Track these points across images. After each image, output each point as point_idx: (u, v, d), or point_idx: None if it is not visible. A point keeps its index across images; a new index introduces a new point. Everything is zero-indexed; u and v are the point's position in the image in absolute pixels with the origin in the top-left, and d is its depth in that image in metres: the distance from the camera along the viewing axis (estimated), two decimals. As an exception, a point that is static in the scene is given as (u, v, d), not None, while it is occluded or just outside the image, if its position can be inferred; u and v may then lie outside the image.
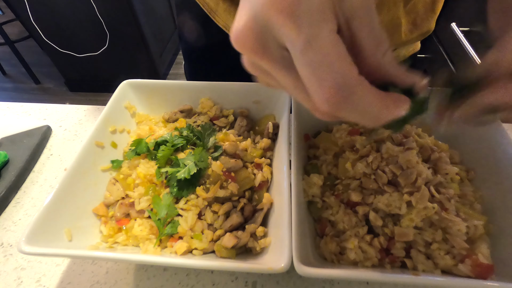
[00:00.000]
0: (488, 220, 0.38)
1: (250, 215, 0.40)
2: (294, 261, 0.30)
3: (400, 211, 0.36)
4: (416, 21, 0.54)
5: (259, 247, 0.37)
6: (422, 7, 0.53)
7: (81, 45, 2.11)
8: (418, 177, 0.37)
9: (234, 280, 0.41)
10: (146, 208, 0.40)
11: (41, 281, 0.41)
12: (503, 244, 0.35)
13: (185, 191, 0.39)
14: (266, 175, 0.43)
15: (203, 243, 0.37)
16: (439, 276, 0.33)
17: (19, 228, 0.47)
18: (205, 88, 0.52)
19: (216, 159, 0.42)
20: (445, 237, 0.35)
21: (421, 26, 0.55)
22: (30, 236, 0.32)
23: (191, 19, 0.63)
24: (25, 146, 0.56)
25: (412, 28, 0.55)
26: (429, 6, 0.54)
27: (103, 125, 0.46)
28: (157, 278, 0.41)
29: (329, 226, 0.39)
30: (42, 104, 0.68)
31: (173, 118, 0.52)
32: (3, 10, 2.86)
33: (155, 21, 2.29)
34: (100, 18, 1.92)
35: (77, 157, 0.41)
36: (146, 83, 0.53)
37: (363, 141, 0.41)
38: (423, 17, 0.54)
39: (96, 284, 0.41)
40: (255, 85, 0.51)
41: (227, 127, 0.51)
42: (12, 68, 2.71)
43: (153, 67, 2.32)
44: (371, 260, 0.35)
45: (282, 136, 0.45)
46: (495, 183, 0.40)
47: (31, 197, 0.51)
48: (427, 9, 0.54)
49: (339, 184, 0.41)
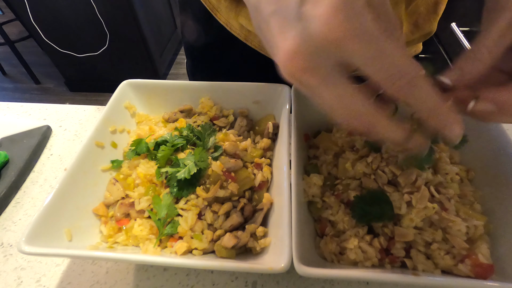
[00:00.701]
0: (488, 220, 0.38)
1: (250, 215, 0.40)
2: (294, 261, 0.30)
3: (400, 211, 0.36)
4: (418, 22, 0.54)
5: (259, 247, 0.37)
6: (425, 8, 0.53)
7: (81, 45, 2.11)
8: (418, 177, 0.37)
9: (234, 280, 0.41)
10: (146, 208, 0.40)
11: (41, 281, 0.41)
12: (503, 244, 0.35)
13: (185, 191, 0.39)
14: (266, 175, 0.43)
15: (203, 243, 0.37)
16: (439, 276, 0.33)
17: (19, 228, 0.47)
18: (205, 88, 0.52)
19: (216, 159, 0.42)
20: (445, 237, 0.35)
21: (423, 27, 0.55)
22: (30, 236, 0.32)
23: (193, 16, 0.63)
24: (25, 146, 0.56)
25: (414, 29, 0.54)
26: (432, 7, 0.53)
27: (103, 125, 0.46)
28: (157, 278, 0.41)
29: (329, 226, 0.39)
30: (42, 104, 0.68)
31: (173, 118, 0.52)
32: (3, 10, 2.86)
33: (155, 21, 2.29)
34: (100, 18, 1.92)
35: (77, 157, 0.41)
36: (146, 83, 0.53)
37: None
38: (425, 18, 0.54)
39: (96, 284, 0.41)
40: (255, 85, 0.51)
41: (227, 127, 0.51)
42: (12, 68, 2.71)
43: (153, 67, 2.32)
44: (371, 260, 0.35)
45: (282, 136, 0.45)
46: (495, 183, 0.40)
47: (31, 197, 0.51)
48: (429, 10, 0.53)
49: (339, 184, 0.41)
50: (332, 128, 0.48)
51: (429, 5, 0.53)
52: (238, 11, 0.54)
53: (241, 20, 0.54)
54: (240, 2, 0.53)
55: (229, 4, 0.54)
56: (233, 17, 0.55)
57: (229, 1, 0.54)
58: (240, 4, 0.54)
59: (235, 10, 0.54)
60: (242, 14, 0.54)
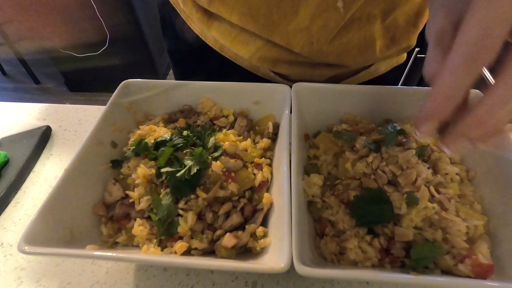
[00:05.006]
0: (488, 220, 0.38)
1: (250, 215, 0.40)
2: (294, 261, 0.30)
3: (400, 211, 0.36)
4: (395, 36, 0.52)
5: (259, 247, 0.37)
6: (404, 21, 0.51)
7: (81, 45, 2.11)
8: (418, 177, 0.37)
9: (234, 280, 0.41)
10: (146, 208, 0.40)
11: (41, 281, 0.41)
12: (503, 244, 0.35)
13: (185, 191, 0.39)
14: (266, 175, 0.43)
15: (203, 243, 0.37)
16: (439, 276, 0.33)
17: (19, 228, 0.47)
18: (205, 88, 0.52)
19: (216, 159, 0.42)
20: (445, 237, 0.35)
21: (400, 42, 0.53)
22: (30, 236, 0.32)
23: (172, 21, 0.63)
24: (25, 146, 0.56)
25: (390, 44, 0.53)
26: (412, 19, 0.51)
27: (103, 125, 0.46)
28: (157, 278, 0.41)
29: (329, 226, 0.39)
30: (42, 104, 0.68)
31: (173, 118, 0.52)
32: (3, 10, 2.86)
33: (155, 21, 2.28)
34: (100, 18, 1.92)
35: (76, 157, 0.41)
36: (146, 83, 0.53)
37: None
38: (403, 32, 0.52)
39: (96, 284, 0.41)
40: (255, 85, 0.51)
41: (227, 127, 0.51)
42: (12, 68, 2.71)
43: (153, 67, 2.32)
44: (371, 260, 0.35)
45: (282, 136, 0.45)
46: (495, 183, 0.40)
47: (31, 197, 0.51)
48: (409, 23, 0.51)
49: (339, 184, 0.41)
50: (332, 128, 0.48)
51: (410, 17, 0.51)
52: (209, 24, 0.54)
53: (213, 33, 0.54)
54: (211, 16, 0.53)
55: (201, 16, 0.54)
56: (205, 29, 0.55)
57: (200, 13, 0.53)
58: (212, 18, 0.53)
59: (207, 23, 0.54)
60: (213, 27, 0.53)
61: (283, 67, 0.55)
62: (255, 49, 0.52)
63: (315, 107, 0.49)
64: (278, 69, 0.56)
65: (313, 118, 0.50)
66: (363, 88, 0.49)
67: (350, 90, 0.49)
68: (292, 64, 0.55)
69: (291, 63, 0.55)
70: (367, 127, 0.47)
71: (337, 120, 0.51)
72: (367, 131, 0.46)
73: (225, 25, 0.52)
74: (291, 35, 0.48)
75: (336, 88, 0.50)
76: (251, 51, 0.53)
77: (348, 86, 0.49)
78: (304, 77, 0.51)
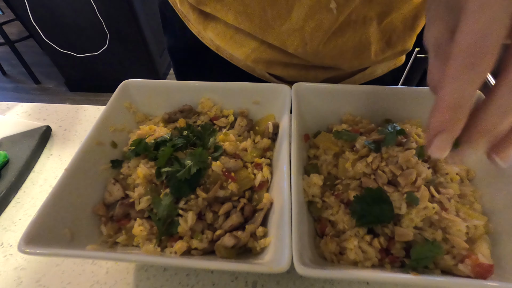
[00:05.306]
0: (488, 220, 0.38)
1: (250, 215, 0.40)
2: (294, 261, 0.30)
3: (400, 211, 0.36)
4: (391, 40, 0.51)
5: (259, 247, 0.37)
6: (401, 24, 0.50)
7: (81, 45, 2.11)
8: (418, 177, 0.37)
9: (234, 280, 0.41)
10: (146, 208, 0.40)
11: (41, 281, 0.41)
12: (503, 244, 0.35)
13: (185, 191, 0.39)
14: (266, 175, 0.43)
15: (203, 243, 0.37)
16: (439, 276, 0.33)
17: (19, 228, 0.47)
18: (205, 88, 0.52)
19: (216, 159, 0.42)
20: (445, 237, 0.35)
21: (396, 45, 0.52)
22: (30, 236, 0.32)
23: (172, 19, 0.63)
24: (25, 146, 0.56)
25: (385, 48, 0.52)
26: (409, 22, 0.50)
27: (103, 125, 0.46)
28: (157, 278, 0.41)
29: (329, 226, 0.39)
30: (42, 104, 0.68)
31: (173, 118, 0.52)
32: (3, 10, 2.86)
33: (155, 21, 2.29)
34: (100, 18, 1.92)
35: (76, 157, 0.41)
36: (146, 83, 0.53)
37: None
38: (400, 35, 0.51)
39: (96, 284, 0.41)
40: (255, 85, 0.51)
41: (227, 127, 0.51)
42: (12, 68, 2.71)
43: (153, 67, 2.32)
44: (371, 260, 0.35)
45: (282, 136, 0.45)
46: (495, 183, 0.40)
47: (31, 197, 0.51)
48: (406, 26, 0.51)
49: (339, 184, 0.41)
50: (332, 128, 0.48)
51: (407, 20, 0.50)
52: (205, 25, 0.54)
53: (209, 34, 0.54)
54: (208, 17, 0.53)
55: (197, 17, 0.54)
56: (202, 29, 0.55)
57: (197, 14, 0.54)
58: (208, 19, 0.53)
59: (203, 24, 0.54)
60: (209, 28, 0.54)
61: (278, 69, 0.56)
62: (250, 50, 0.53)
63: (315, 107, 0.49)
64: (273, 70, 0.56)
65: (313, 118, 0.50)
66: (363, 88, 0.49)
67: (350, 90, 0.49)
68: (287, 66, 0.55)
69: (285, 65, 0.55)
70: (367, 127, 0.47)
71: (337, 120, 0.51)
72: (367, 131, 0.46)
73: (221, 26, 0.53)
74: (285, 35, 0.48)
75: (336, 88, 0.50)
76: (245, 52, 0.53)
77: (348, 86, 0.49)
78: (299, 79, 0.51)
